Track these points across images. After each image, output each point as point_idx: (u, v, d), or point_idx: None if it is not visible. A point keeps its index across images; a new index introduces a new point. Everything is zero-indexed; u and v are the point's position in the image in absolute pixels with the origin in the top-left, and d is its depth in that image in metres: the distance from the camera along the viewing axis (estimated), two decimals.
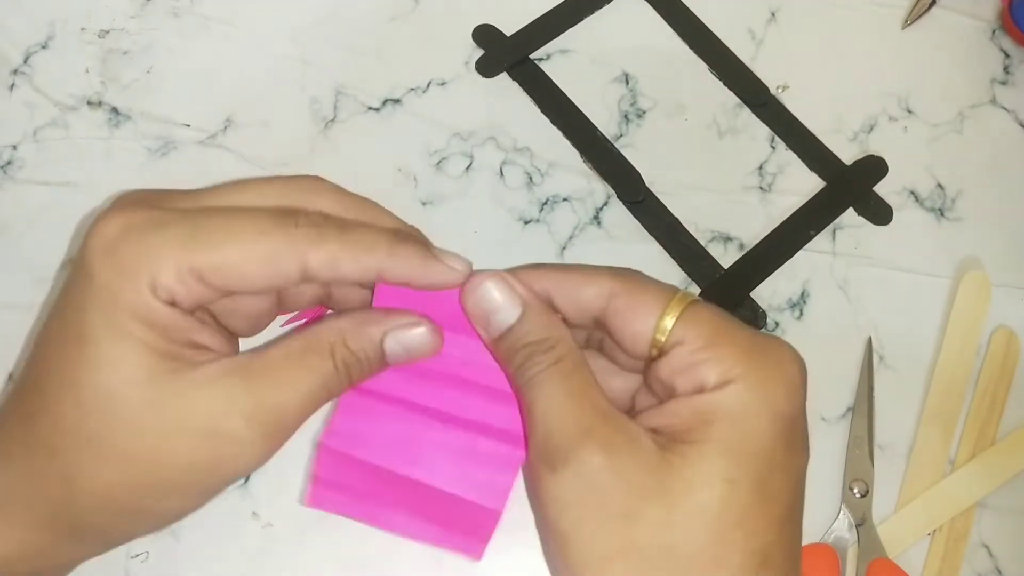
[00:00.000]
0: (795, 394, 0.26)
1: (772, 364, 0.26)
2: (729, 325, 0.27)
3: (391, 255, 0.27)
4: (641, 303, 0.27)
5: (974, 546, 0.41)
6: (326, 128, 0.47)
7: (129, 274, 0.25)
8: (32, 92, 0.47)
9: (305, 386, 0.27)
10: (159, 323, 0.25)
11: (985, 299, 0.45)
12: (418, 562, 0.39)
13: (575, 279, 0.28)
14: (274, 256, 0.26)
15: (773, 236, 0.46)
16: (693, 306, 0.27)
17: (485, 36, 0.50)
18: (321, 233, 0.26)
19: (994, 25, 0.52)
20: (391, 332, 0.28)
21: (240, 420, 0.26)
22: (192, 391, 0.25)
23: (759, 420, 0.25)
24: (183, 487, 0.27)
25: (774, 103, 0.49)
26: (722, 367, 0.26)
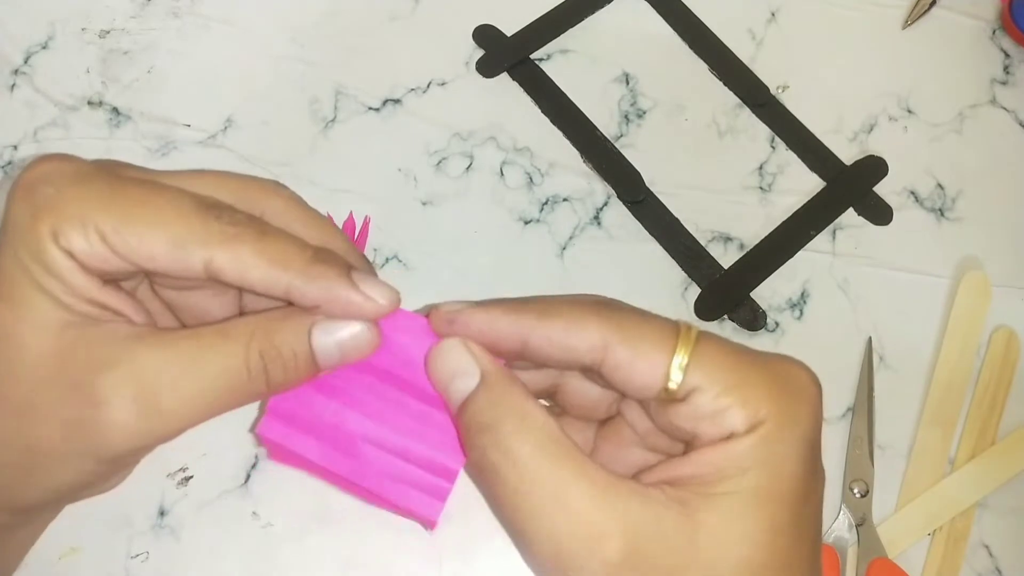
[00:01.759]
0: (818, 414, 0.25)
1: (796, 394, 0.25)
2: (742, 359, 0.25)
3: (304, 275, 0.25)
4: (644, 352, 0.25)
5: (974, 546, 0.41)
6: (326, 128, 0.47)
7: (36, 216, 0.24)
8: (32, 92, 0.47)
9: (203, 374, 0.24)
10: (56, 271, 0.24)
11: (985, 299, 0.45)
12: (418, 562, 0.39)
13: (559, 327, 0.25)
14: (180, 241, 0.24)
15: (773, 236, 0.46)
16: (701, 344, 0.25)
17: (485, 36, 0.50)
18: (237, 234, 0.24)
19: (994, 25, 0.52)
20: (320, 323, 0.25)
21: (122, 395, 0.23)
22: (81, 348, 0.24)
23: (792, 458, 0.24)
24: (48, 448, 0.24)
25: (774, 103, 0.49)
26: (749, 410, 0.24)
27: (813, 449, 0.25)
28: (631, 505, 0.24)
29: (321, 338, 0.25)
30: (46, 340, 0.24)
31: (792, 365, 0.26)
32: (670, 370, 0.24)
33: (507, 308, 0.26)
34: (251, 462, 0.40)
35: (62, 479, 0.25)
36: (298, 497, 0.40)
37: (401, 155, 0.47)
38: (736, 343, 0.26)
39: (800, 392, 0.25)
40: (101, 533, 0.39)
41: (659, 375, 0.24)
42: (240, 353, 0.25)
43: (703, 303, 0.44)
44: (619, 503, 0.24)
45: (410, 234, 0.45)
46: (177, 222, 0.24)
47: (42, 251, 0.24)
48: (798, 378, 0.25)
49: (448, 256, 0.45)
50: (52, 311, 0.24)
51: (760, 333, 0.44)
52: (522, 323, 0.26)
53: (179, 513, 0.39)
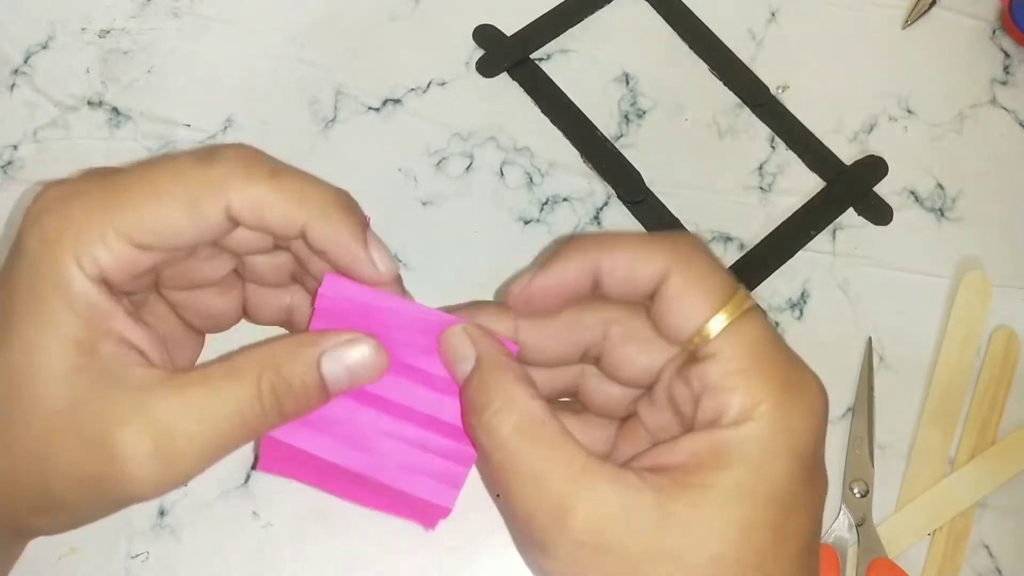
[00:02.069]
0: (819, 430, 0.25)
1: (799, 400, 0.25)
2: (770, 350, 0.25)
3: (323, 216, 0.25)
4: (695, 293, 0.25)
5: (974, 546, 0.41)
6: (326, 128, 0.47)
7: (52, 245, 0.23)
8: (32, 92, 0.47)
9: (217, 417, 0.24)
10: (81, 302, 0.23)
11: (985, 299, 0.45)
12: (418, 562, 0.39)
13: (628, 253, 0.26)
14: (193, 198, 0.24)
15: (773, 236, 0.46)
16: (746, 316, 0.25)
17: (485, 36, 0.50)
18: (248, 172, 0.24)
19: (994, 25, 0.52)
20: (329, 352, 0.25)
21: (135, 439, 0.23)
22: (94, 395, 0.23)
23: (779, 463, 0.24)
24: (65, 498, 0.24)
25: (774, 103, 0.49)
26: (747, 399, 0.24)
27: (806, 460, 0.24)
28: (601, 485, 0.24)
29: (330, 366, 0.25)
30: (60, 389, 0.23)
31: (811, 376, 0.25)
32: (707, 322, 0.24)
33: (570, 253, 0.26)
34: (251, 462, 0.40)
35: (78, 518, 0.26)
36: (298, 497, 0.40)
37: (401, 155, 0.47)
38: (776, 335, 0.26)
39: (806, 402, 0.25)
40: (101, 533, 0.39)
41: (697, 321, 0.25)
42: (252, 391, 0.24)
43: None
44: (590, 482, 0.24)
45: (410, 234, 0.45)
46: (183, 182, 0.24)
47: (66, 280, 0.23)
48: (808, 387, 0.25)
49: (448, 256, 0.45)
50: (66, 355, 0.23)
51: None
52: (590, 258, 0.26)
53: (179, 513, 0.39)
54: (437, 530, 0.39)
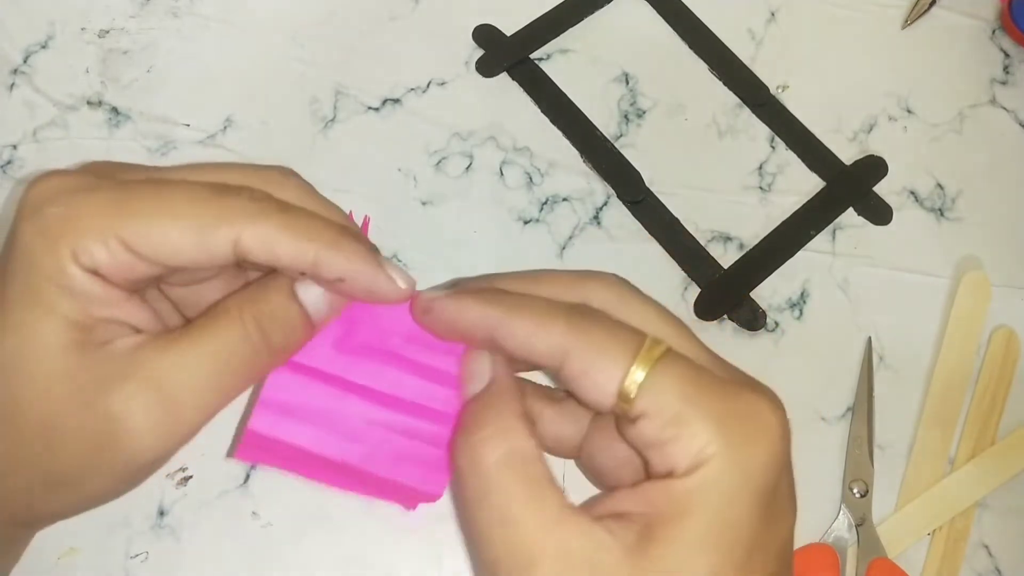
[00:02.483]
0: (777, 458, 0.24)
1: (750, 431, 0.23)
2: (700, 388, 0.24)
3: (333, 247, 0.25)
4: (599, 368, 0.24)
5: (974, 546, 0.41)
6: (326, 128, 0.47)
7: (50, 238, 0.23)
8: (32, 92, 0.47)
9: (209, 360, 0.24)
10: (77, 291, 0.23)
11: (985, 299, 0.45)
12: (418, 562, 0.39)
13: (524, 326, 0.25)
14: (205, 227, 0.24)
15: (773, 236, 0.46)
16: (662, 365, 0.24)
17: (485, 36, 0.50)
18: (261, 209, 0.24)
19: (994, 25, 0.52)
20: (301, 281, 0.26)
21: (131, 397, 0.23)
22: (93, 369, 0.24)
23: (739, 504, 0.23)
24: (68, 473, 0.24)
25: (774, 103, 0.49)
26: (692, 446, 0.23)
27: (769, 494, 0.23)
28: (571, 538, 0.23)
29: (307, 295, 0.26)
30: (57, 365, 0.24)
31: (758, 399, 0.24)
32: (624, 389, 0.24)
33: (480, 299, 0.26)
34: (251, 462, 0.40)
35: (84, 494, 0.25)
36: (298, 497, 0.40)
37: (401, 155, 0.47)
38: (701, 368, 0.24)
39: (757, 430, 0.24)
40: (100, 533, 0.39)
41: (611, 393, 0.24)
42: (236, 327, 0.25)
43: (703, 303, 0.44)
44: (559, 534, 0.23)
45: (410, 234, 0.45)
46: (196, 209, 0.24)
47: (62, 273, 0.23)
48: (758, 415, 0.24)
49: (448, 256, 0.45)
50: (60, 333, 0.24)
51: (760, 333, 0.44)
52: (490, 316, 0.25)
53: (179, 513, 0.39)
54: (437, 530, 0.39)
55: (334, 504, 0.40)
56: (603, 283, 0.27)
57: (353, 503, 0.40)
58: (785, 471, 0.24)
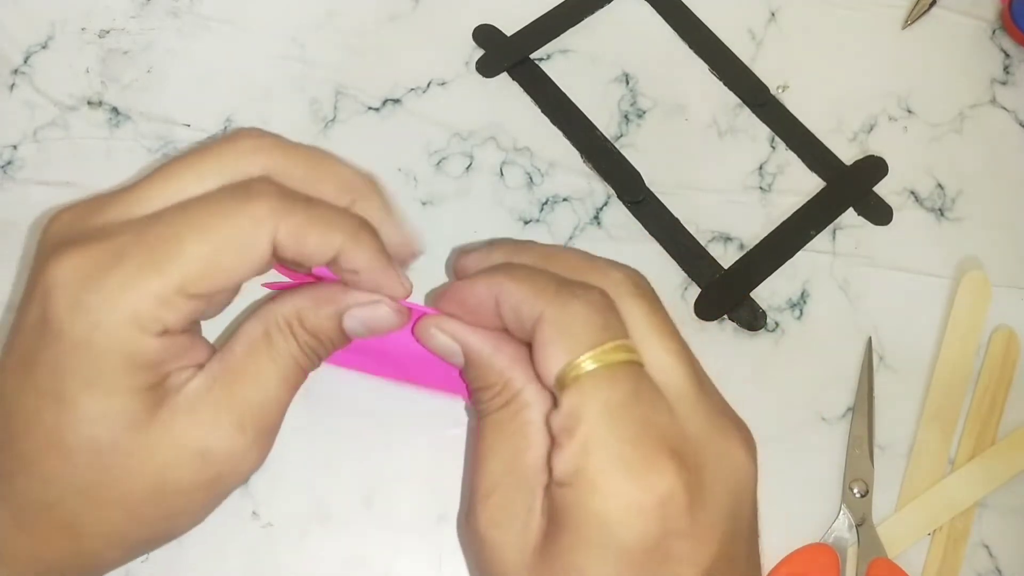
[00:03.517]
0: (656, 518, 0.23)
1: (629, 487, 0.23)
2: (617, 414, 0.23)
3: (355, 239, 0.25)
4: (556, 342, 0.24)
5: (974, 546, 0.41)
6: (326, 128, 0.47)
7: (106, 326, 0.23)
8: (32, 92, 0.47)
9: (278, 375, 0.26)
10: (148, 360, 0.24)
11: (985, 299, 0.45)
12: (418, 562, 0.39)
13: (519, 290, 0.26)
14: (246, 238, 0.24)
15: (773, 236, 0.46)
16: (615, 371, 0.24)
17: (485, 36, 0.50)
18: (286, 204, 0.25)
19: (994, 25, 0.52)
20: (350, 311, 0.27)
21: (230, 431, 0.25)
22: (178, 419, 0.25)
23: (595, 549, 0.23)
24: (189, 508, 0.27)
25: (774, 103, 0.49)
26: (569, 463, 0.23)
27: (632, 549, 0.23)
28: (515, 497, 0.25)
29: (350, 323, 0.27)
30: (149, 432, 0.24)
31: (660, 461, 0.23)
32: (564, 372, 0.24)
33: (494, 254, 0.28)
34: None
35: (188, 526, 0.28)
36: (298, 497, 0.40)
37: (401, 155, 0.47)
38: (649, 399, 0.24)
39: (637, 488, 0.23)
40: None
41: (553, 370, 0.24)
42: (293, 347, 0.26)
43: (703, 303, 0.44)
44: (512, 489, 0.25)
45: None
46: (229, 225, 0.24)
47: (137, 352, 0.23)
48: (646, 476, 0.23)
49: (448, 256, 0.45)
50: (143, 403, 0.24)
51: (760, 333, 0.44)
52: (491, 286, 0.26)
53: None
54: (437, 530, 0.39)
55: (334, 504, 0.40)
56: (607, 277, 0.27)
57: (353, 503, 0.40)
58: (679, 536, 0.23)
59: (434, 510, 0.40)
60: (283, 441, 0.41)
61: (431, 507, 0.40)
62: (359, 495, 0.40)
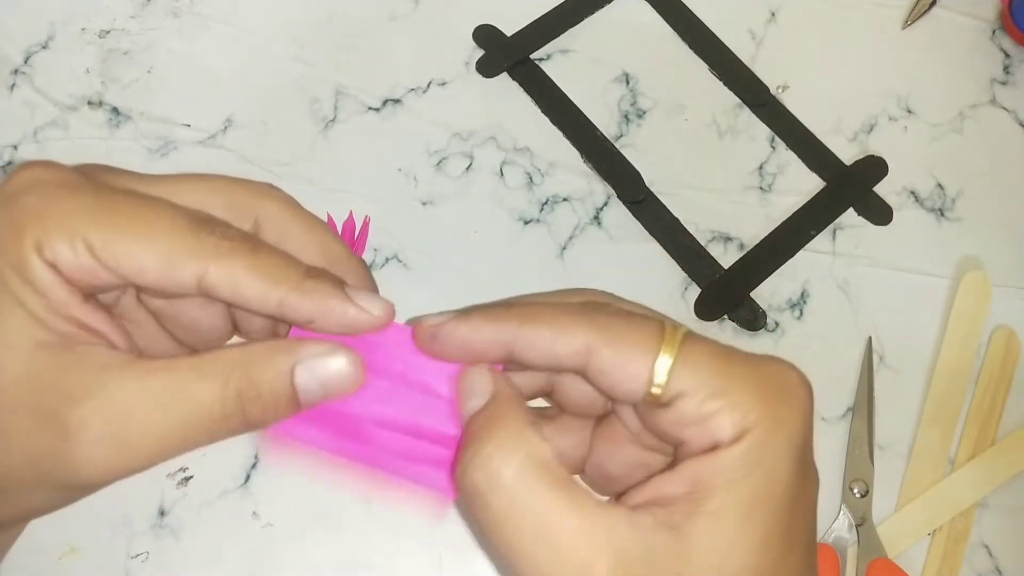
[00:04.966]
0: (808, 418, 0.24)
1: (785, 397, 0.24)
2: (730, 360, 0.24)
3: (298, 289, 0.24)
4: (627, 356, 0.24)
5: (974, 546, 0.41)
6: (326, 128, 0.47)
7: (18, 226, 0.23)
8: (32, 92, 0.47)
9: (176, 410, 0.23)
10: (37, 284, 0.23)
11: (985, 299, 0.45)
12: (418, 562, 0.39)
13: (542, 334, 0.25)
14: (173, 256, 0.23)
15: (773, 236, 0.46)
16: (687, 346, 0.24)
17: (485, 36, 0.50)
18: (232, 248, 0.24)
19: (994, 25, 0.52)
20: (303, 361, 0.25)
21: (88, 417, 0.23)
22: (54, 371, 0.23)
23: (782, 465, 0.23)
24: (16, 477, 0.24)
25: (774, 103, 0.49)
26: (736, 416, 0.23)
27: (803, 451, 0.24)
28: (619, 532, 0.23)
29: (304, 377, 0.25)
30: (20, 363, 0.23)
31: (781, 366, 0.25)
32: (654, 374, 0.23)
33: (489, 316, 0.25)
34: (251, 462, 0.40)
35: (28, 505, 0.25)
36: (298, 497, 0.40)
37: (401, 155, 0.47)
38: (722, 344, 0.25)
39: (789, 394, 0.24)
40: (101, 533, 0.39)
41: (643, 379, 0.24)
42: (217, 391, 0.24)
43: (703, 303, 0.44)
44: (606, 531, 0.23)
45: (410, 234, 0.45)
46: (169, 236, 0.24)
47: (24, 263, 0.23)
48: (787, 379, 0.25)
49: (448, 256, 0.45)
50: (28, 329, 0.23)
51: (760, 333, 0.44)
52: (505, 331, 0.25)
53: (179, 513, 0.39)
54: (437, 531, 0.39)
55: (334, 504, 0.40)
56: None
57: (353, 503, 0.40)
58: (811, 434, 0.25)
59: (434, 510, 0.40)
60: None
61: (431, 507, 0.40)
62: (359, 495, 0.40)
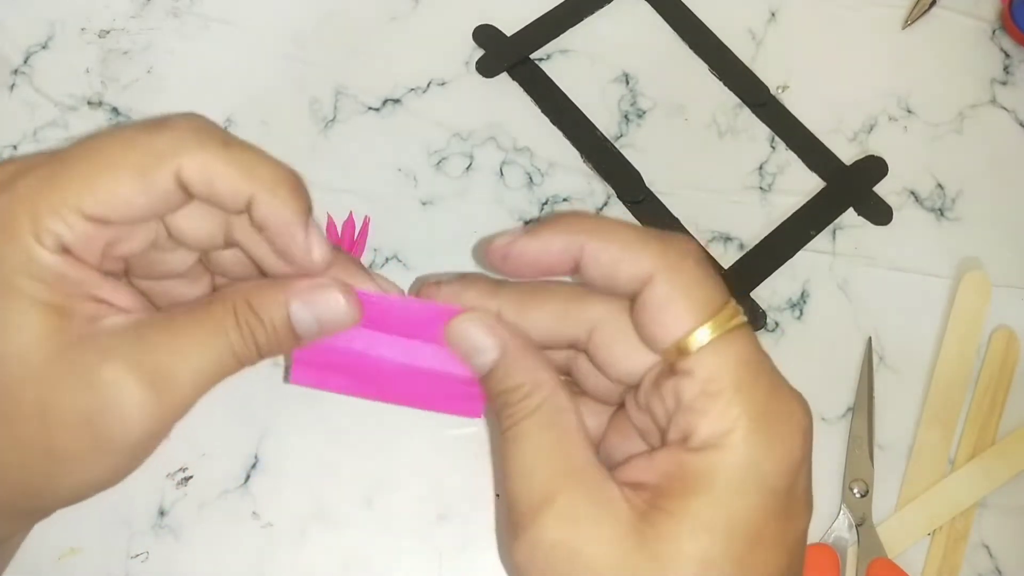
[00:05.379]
0: (796, 460, 0.23)
1: (776, 433, 0.23)
2: (752, 374, 0.24)
3: (271, 191, 0.24)
4: (677, 304, 0.24)
5: (974, 546, 0.41)
6: (326, 128, 0.47)
7: (7, 229, 0.23)
8: (32, 92, 0.47)
9: (210, 353, 0.25)
10: (49, 275, 0.23)
11: (985, 299, 0.45)
12: (418, 562, 0.39)
13: (616, 246, 0.24)
14: (146, 168, 0.23)
15: (773, 236, 0.46)
16: (732, 334, 0.23)
17: (485, 36, 0.50)
18: (200, 140, 0.24)
19: (994, 25, 0.52)
20: (298, 296, 0.25)
21: (130, 376, 0.23)
22: (85, 347, 0.24)
23: (744, 498, 0.23)
24: (70, 451, 0.24)
25: (774, 103, 0.49)
26: (716, 425, 0.23)
27: (778, 495, 0.23)
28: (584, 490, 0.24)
29: (299, 312, 0.26)
30: (44, 351, 0.23)
31: (794, 406, 0.24)
32: (688, 336, 0.23)
33: (560, 228, 0.25)
34: (251, 462, 0.40)
35: (82, 478, 0.25)
36: (298, 497, 0.40)
37: (401, 155, 0.47)
38: (765, 356, 0.24)
39: (782, 434, 0.23)
40: (101, 533, 0.39)
41: (676, 333, 0.24)
42: (230, 321, 0.25)
43: None
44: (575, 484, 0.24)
45: (410, 234, 0.45)
46: (132, 152, 0.24)
47: (30, 261, 0.23)
48: (788, 420, 0.24)
49: (448, 256, 0.45)
50: (43, 321, 0.23)
51: (760, 333, 0.44)
52: (575, 242, 0.25)
53: (179, 513, 0.39)
54: (437, 530, 0.39)
55: (334, 504, 0.40)
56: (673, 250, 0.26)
57: (353, 503, 0.40)
58: (803, 474, 0.24)
59: (434, 510, 0.40)
60: (283, 441, 0.41)
61: (431, 507, 0.40)
62: (359, 495, 0.40)
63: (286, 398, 0.41)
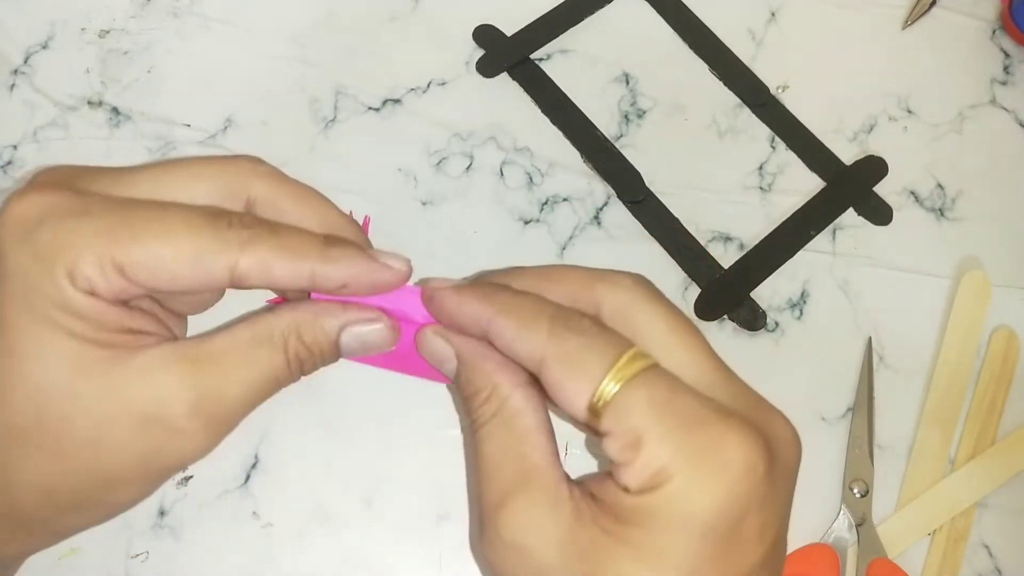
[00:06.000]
0: (737, 496, 0.23)
1: (709, 469, 0.23)
2: (666, 414, 0.23)
3: (324, 259, 0.26)
4: (571, 378, 0.24)
5: (974, 546, 0.41)
6: (326, 128, 0.47)
7: (47, 263, 0.23)
8: (32, 92, 0.47)
9: (253, 378, 0.26)
10: (82, 313, 0.24)
11: (985, 299, 0.45)
12: (418, 562, 0.39)
13: (509, 328, 0.26)
14: (203, 256, 0.24)
15: (773, 236, 0.46)
16: (634, 384, 0.24)
17: (485, 36, 0.50)
18: (253, 235, 0.25)
19: (994, 25, 0.52)
20: (348, 327, 0.27)
21: (181, 409, 0.24)
22: (129, 378, 0.24)
23: (678, 539, 0.23)
24: (123, 477, 0.25)
25: (774, 103, 0.49)
26: (644, 473, 0.23)
27: (717, 532, 0.23)
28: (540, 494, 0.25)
29: (348, 339, 0.27)
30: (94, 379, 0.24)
31: (728, 435, 0.23)
32: (595, 398, 0.24)
33: (477, 295, 0.27)
34: (251, 462, 0.40)
35: (127, 499, 0.26)
36: (298, 497, 0.40)
37: (401, 155, 0.47)
38: (683, 391, 0.24)
39: (716, 468, 0.23)
40: (101, 533, 0.39)
41: (580, 406, 0.24)
42: (280, 359, 0.26)
43: (703, 303, 0.44)
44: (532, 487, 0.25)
45: (410, 234, 0.45)
46: (192, 239, 0.24)
47: (64, 298, 0.23)
48: (721, 452, 0.23)
49: (448, 256, 0.45)
50: (86, 352, 0.24)
51: (760, 333, 0.44)
52: (483, 315, 0.26)
53: (179, 513, 0.39)
54: (437, 530, 0.39)
55: (334, 504, 0.40)
56: (618, 286, 0.27)
57: (353, 503, 0.40)
58: (753, 510, 0.23)
59: (434, 510, 0.40)
60: (283, 441, 0.41)
61: (431, 507, 0.40)
62: (359, 495, 0.40)
63: (286, 398, 0.41)
